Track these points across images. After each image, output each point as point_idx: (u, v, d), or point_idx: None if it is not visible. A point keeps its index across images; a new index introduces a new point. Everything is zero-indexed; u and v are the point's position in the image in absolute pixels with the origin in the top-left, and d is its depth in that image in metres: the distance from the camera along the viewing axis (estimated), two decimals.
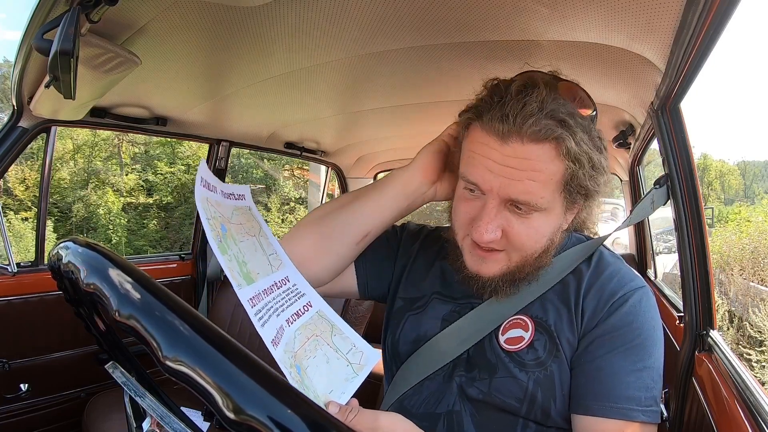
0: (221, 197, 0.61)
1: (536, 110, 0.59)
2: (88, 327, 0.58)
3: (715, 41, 0.67)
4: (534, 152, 0.60)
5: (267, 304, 0.55)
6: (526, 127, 0.59)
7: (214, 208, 0.57)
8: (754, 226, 6.36)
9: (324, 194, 3.31)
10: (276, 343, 0.51)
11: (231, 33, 0.99)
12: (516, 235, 0.64)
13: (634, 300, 0.66)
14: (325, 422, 0.35)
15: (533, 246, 0.66)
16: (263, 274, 0.59)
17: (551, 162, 0.61)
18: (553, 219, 0.66)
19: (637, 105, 1.24)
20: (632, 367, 0.63)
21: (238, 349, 0.36)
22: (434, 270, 0.81)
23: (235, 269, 0.53)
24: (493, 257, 0.67)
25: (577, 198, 0.66)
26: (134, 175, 10.58)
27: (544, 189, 0.62)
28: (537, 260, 0.67)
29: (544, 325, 0.68)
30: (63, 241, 0.51)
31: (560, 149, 0.60)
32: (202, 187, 0.56)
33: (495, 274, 0.67)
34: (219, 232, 0.55)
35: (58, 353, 1.71)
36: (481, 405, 0.68)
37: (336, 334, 0.63)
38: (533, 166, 0.60)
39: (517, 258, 0.66)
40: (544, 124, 0.59)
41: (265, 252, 0.64)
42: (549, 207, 0.64)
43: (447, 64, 1.14)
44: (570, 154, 0.60)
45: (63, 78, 0.71)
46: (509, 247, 0.66)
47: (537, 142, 0.60)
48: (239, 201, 0.65)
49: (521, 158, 0.60)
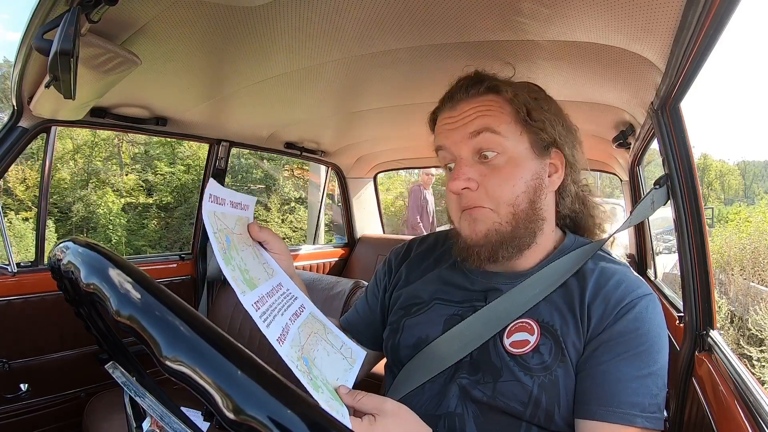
0: (228, 208, 0.64)
1: (472, 79, 0.73)
2: (88, 327, 0.59)
3: (715, 41, 0.67)
4: (480, 101, 0.71)
5: (271, 305, 0.57)
6: (468, 90, 0.72)
7: (220, 221, 0.60)
8: (754, 226, 6.35)
9: (324, 194, 3.31)
10: (282, 341, 0.52)
11: (231, 33, 0.99)
12: (491, 182, 0.69)
13: (641, 307, 0.66)
14: (325, 422, 0.35)
15: (511, 190, 0.69)
16: (263, 280, 0.61)
17: (498, 104, 0.70)
18: (524, 164, 0.70)
19: (637, 105, 1.23)
20: (637, 373, 0.62)
21: (238, 349, 0.36)
22: (431, 278, 0.81)
23: (239, 278, 0.55)
24: (482, 214, 0.70)
25: (544, 139, 0.71)
26: (134, 175, 10.58)
27: (500, 120, 0.69)
28: (527, 219, 0.70)
29: (550, 329, 0.67)
30: (63, 241, 0.51)
31: (502, 96, 0.71)
32: (210, 203, 0.59)
33: (488, 231, 0.70)
34: (224, 244, 0.58)
35: (58, 353, 1.71)
36: (485, 407, 0.67)
37: (328, 333, 0.67)
38: (482, 108, 0.70)
39: (505, 211, 0.69)
40: (482, 84, 0.71)
41: (260, 261, 0.66)
42: (512, 149, 0.70)
43: (447, 64, 1.14)
44: (514, 97, 0.70)
45: (63, 78, 0.71)
46: (490, 199, 0.69)
47: (477, 95, 0.71)
48: (243, 211, 0.68)
49: (471, 107, 0.71)
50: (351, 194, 3.16)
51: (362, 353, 0.69)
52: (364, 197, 3.24)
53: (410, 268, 0.86)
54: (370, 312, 0.90)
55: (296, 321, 0.61)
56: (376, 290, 0.90)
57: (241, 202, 0.67)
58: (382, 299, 0.88)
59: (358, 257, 3.14)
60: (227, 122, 1.85)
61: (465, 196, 0.70)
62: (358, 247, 3.18)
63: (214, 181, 0.61)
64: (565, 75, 1.14)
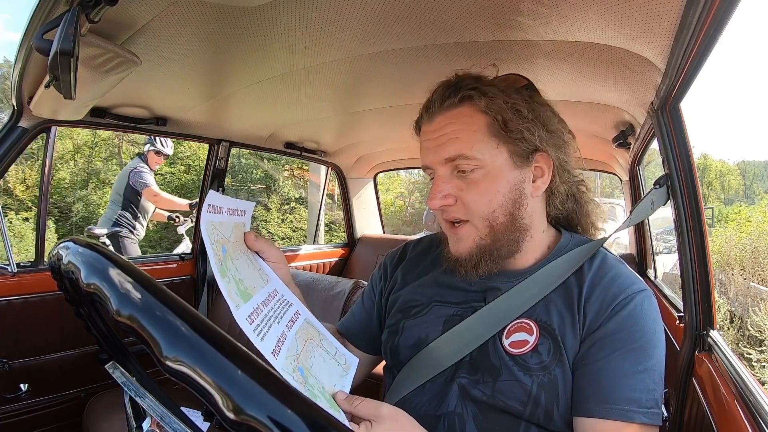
0: (225, 216, 0.63)
1: (448, 87, 0.71)
2: (88, 327, 0.59)
3: (715, 41, 0.67)
4: (453, 116, 0.70)
5: (267, 314, 0.57)
6: (443, 102, 0.71)
7: (217, 231, 0.60)
8: (755, 226, 6.35)
9: (324, 194, 3.31)
10: (276, 353, 0.52)
11: (231, 33, 0.99)
12: (467, 198, 0.70)
13: (636, 303, 0.66)
14: (325, 422, 0.35)
15: (487, 205, 0.69)
16: (258, 288, 0.61)
17: (471, 117, 0.69)
18: (502, 177, 0.70)
19: (637, 105, 1.23)
20: (633, 369, 0.63)
21: (238, 349, 0.36)
22: (428, 281, 0.82)
23: (233, 290, 0.55)
24: (463, 232, 0.71)
25: (521, 147, 0.70)
26: None
27: (473, 139, 0.69)
28: (506, 231, 0.70)
29: (549, 329, 0.68)
30: (63, 241, 0.51)
31: (476, 106, 0.69)
32: (209, 213, 0.59)
33: (471, 248, 0.71)
34: (220, 255, 0.57)
35: (58, 353, 1.71)
36: (484, 406, 0.68)
37: (323, 339, 0.67)
38: (455, 125, 0.70)
39: (482, 225, 0.70)
40: (454, 93, 0.70)
41: (255, 267, 0.66)
42: (490, 163, 0.69)
43: (447, 65, 1.14)
44: (487, 106, 0.69)
45: (63, 78, 0.71)
46: (468, 213, 0.70)
47: (453, 107, 0.71)
48: (239, 217, 0.67)
49: (445, 124, 0.70)
50: (351, 194, 3.16)
51: (355, 360, 0.70)
52: (364, 197, 3.24)
53: (406, 270, 0.87)
54: (367, 316, 0.90)
55: (293, 327, 0.61)
56: (372, 294, 0.90)
57: (239, 208, 0.67)
58: (378, 303, 0.89)
59: (358, 257, 3.14)
60: (227, 122, 1.85)
61: (445, 209, 0.72)
62: (358, 247, 3.18)
63: (213, 192, 0.61)
64: (565, 75, 1.14)
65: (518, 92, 0.72)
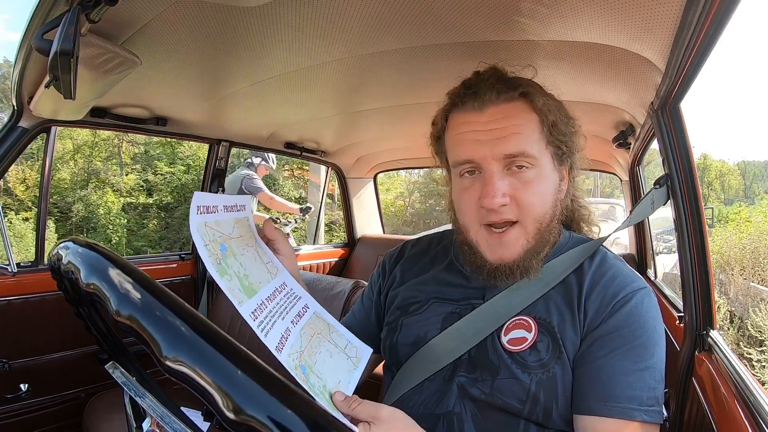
0: (222, 214, 0.62)
1: (501, 80, 0.69)
2: (88, 327, 0.59)
3: (715, 41, 0.67)
4: (510, 109, 0.68)
5: (271, 311, 0.57)
6: (497, 93, 0.68)
7: (213, 230, 0.58)
8: (754, 226, 6.35)
9: (324, 194, 3.31)
10: (280, 349, 0.52)
11: (231, 33, 0.99)
12: (524, 197, 0.67)
13: (636, 301, 0.66)
14: (325, 422, 0.35)
15: (540, 206, 0.68)
16: (264, 283, 0.61)
17: (527, 113, 0.68)
18: (549, 178, 0.70)
19: (637, 105, 1.23)
20: (633, 367, 0.63)
21: (238, 349, 0.36)
22: (427, 279, 0.82)
23: (236, 287, 0.54)
24: (510, 237, 0.69)
25: (562, 150, 0.70)
26: (134, 175, 10.57)
27: (531, 137, 0.67)
28: (548, 231, 0.70)
29: (548, 327, 0.68)
30: (63, 241, 0.51)
31: (530, 103, 0.68)
32: (198, 215, 0.56)
33: (518, 253, 0.69)
34: (218, 255, 0.56)
35: (58, 353, 1.71)
36: (483, 405, 0.68)
37: (333, 332, 0.66)
38: (513, 119, 0.67)
39: (532, 227, 0.68)
40: (509, 87, 0.68)
41: (263, 261, 0.65)
42: (542, 163, 0.68)
43: (447, 64, 1.14)
44: (541, 105, 0.68)
45: (63, 78, 0.71)
46: (521, 214, 0.68)
47: (509, 101, 0.68)
48: (240, 212, 0.66)
49: (501, 117, 0.67)
50: (351, 194, 3.16)
51: (368, 350, 0.69)
52: (364, 197, 3.24)
53: (405, 268, 0.87)
54: (366, 315, 0.90)
55: (299, 323, 0.60)
56: (371, 293, 0.90)
57: (236, 203, 0.66)
58: (377, 301, 0.89)
59: (358, 257, 3.14)
60: (227, 122, 1.85)
61: (498, 210, 0.67)
62: (358, 247, 3.18)
63: (199, 193, 0.58)
64: (565, 75, 1.14)
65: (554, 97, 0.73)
